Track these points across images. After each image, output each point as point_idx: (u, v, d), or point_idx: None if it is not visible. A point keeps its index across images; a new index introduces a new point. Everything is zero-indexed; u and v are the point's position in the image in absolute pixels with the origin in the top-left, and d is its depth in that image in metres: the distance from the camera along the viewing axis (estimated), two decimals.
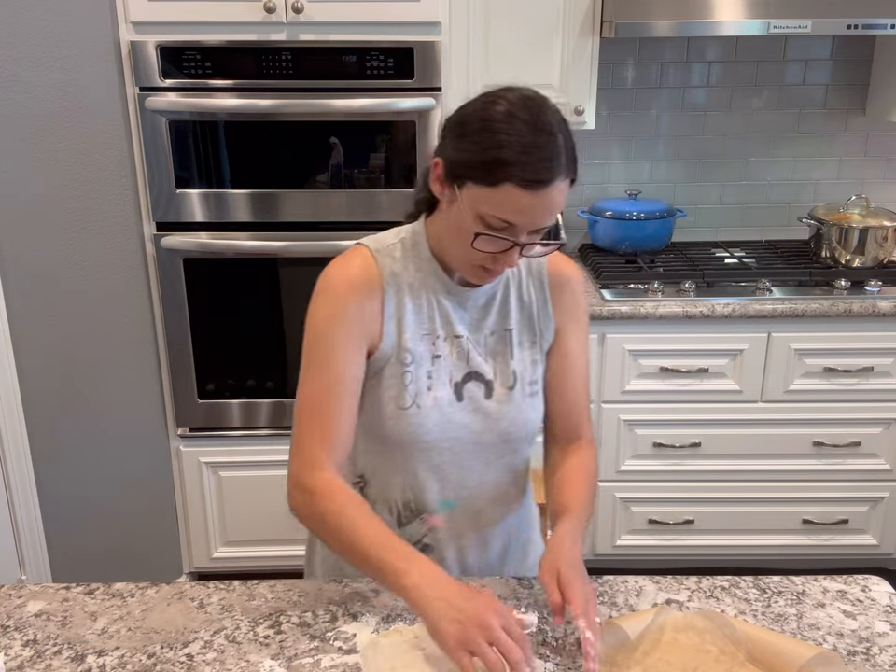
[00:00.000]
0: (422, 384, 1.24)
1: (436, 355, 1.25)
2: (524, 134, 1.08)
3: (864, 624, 1.17)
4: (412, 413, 1.24)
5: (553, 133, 1.10)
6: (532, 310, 1.30)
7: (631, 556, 2.74)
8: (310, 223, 2.41)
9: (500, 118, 1.10)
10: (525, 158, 1.07)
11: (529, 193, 1.08)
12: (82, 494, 2.53)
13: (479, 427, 1.27)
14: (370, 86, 2.30)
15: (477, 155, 1.10)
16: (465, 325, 1.27)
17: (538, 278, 1.31)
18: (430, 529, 1.33)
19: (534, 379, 1.30)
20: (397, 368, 1.24)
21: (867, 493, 2.65)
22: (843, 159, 2.96)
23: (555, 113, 1.13)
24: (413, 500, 1.31)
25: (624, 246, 2.82)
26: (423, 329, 1.25)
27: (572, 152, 1.13)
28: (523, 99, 1.12)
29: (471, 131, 1.12)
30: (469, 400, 1.26)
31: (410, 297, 1.25)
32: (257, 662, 1.11)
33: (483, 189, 1.10)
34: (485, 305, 1.28)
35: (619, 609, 1.21)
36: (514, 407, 1.28)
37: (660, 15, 2.38)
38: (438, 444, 1.26)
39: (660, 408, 2.55)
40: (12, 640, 1.15)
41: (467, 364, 1.27)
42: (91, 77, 2.22)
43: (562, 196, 1.12)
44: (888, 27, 2.35)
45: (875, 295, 2.49)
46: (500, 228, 1.12)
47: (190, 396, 2.54)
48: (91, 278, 2.37)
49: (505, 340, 1.29)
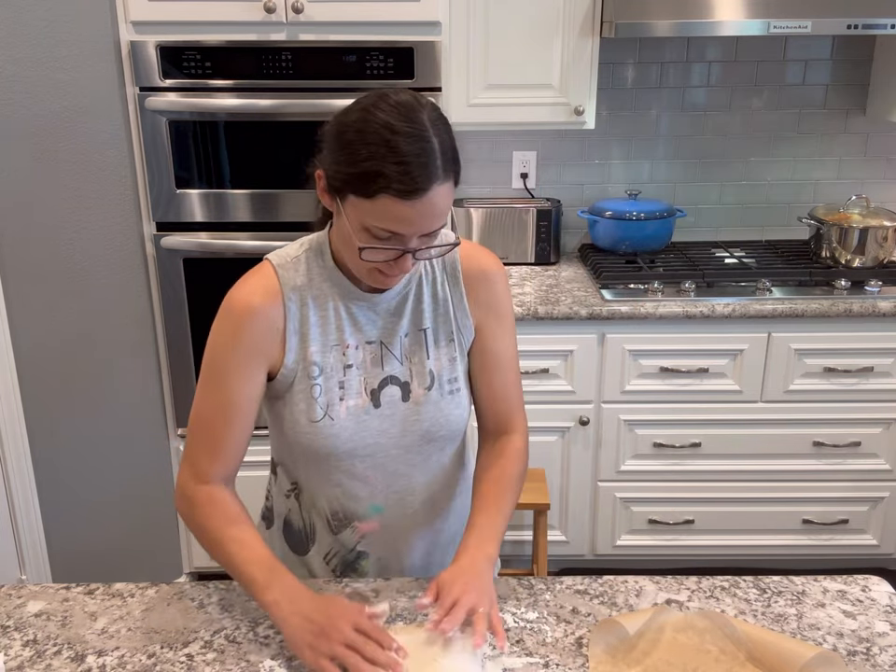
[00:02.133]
0: (333, 395, 1.23)
1: (347, 364, 1.24)
2: (396, 144, 1.05)
3: (864, 624, 1.17)
4: (325, 426, 1.23)
5: (426, 139, 1.06)
6: (448, 307, 1.28)
7: (631, 556, 2.74)
8: (310, 223, 2.40)
9: (372, 128, 1.06)
10: (399, 168, 1.05)
11: (407, 203, 1.06)
12: (82, 494, 2.54)
13: (398, 431, 1.26)
14: (370, 86, 2.30)
15: (352, 167, 1.07)
16: (377, 330, 1.26)
17: (452, 274, 1.28)
18: (363, 536, 1.33)
19: (453, 377, 1.28)
20: (305, 382, 1.23)
21: (867, 493, 2.65)
22: (843, 159, 2.96)
23: (431, 113, 1.10)
24: (340, 510, 1.32)
25: (624, 246, 2.82)
26: (331, 339, 1.24)
27: (452, 152, 1.10)
28: (395, 105, 1.08)
29: (345, 142, 1.09)
30: (387, 405, 1.25)
31: (315, 309, 1.23)
32: (257, 662, 1.11)
33: (363, 200, 1.08)
34: (397, 308, 1.26)
35: (619, 609, 1.21)
36: (433, 406, 1.27)
37: (660, 15, 2.38)
38: (356, 453, 1.26)
39: (660, 408, 2.55)
40: (12, 640, 1.15)
41: (382, 369, 1.25)
42: (91, 77, 2.22)
43: (444, 199, 1.10)
44: (888, 27, 2.35)
45: (875, 295, 2.49)
46: (386, 238, 1.11)
47: (190, 396, 2.52)
48: (91, 278, 2.37)
49: (420, 340, 1.27)
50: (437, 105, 1.14)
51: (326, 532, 1.34)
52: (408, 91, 1.12)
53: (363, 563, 1.36)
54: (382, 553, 1.35)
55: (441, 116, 1.12)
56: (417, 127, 1.06)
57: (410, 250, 1.12)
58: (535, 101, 2.55)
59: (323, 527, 1.34)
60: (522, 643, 1.14)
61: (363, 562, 1.36)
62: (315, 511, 1.34)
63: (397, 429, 1.26)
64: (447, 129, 1.11)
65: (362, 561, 1.36)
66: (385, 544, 1.34)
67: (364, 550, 1.34)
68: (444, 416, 1.28)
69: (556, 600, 1.23)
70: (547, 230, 2.76)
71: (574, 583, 1.27)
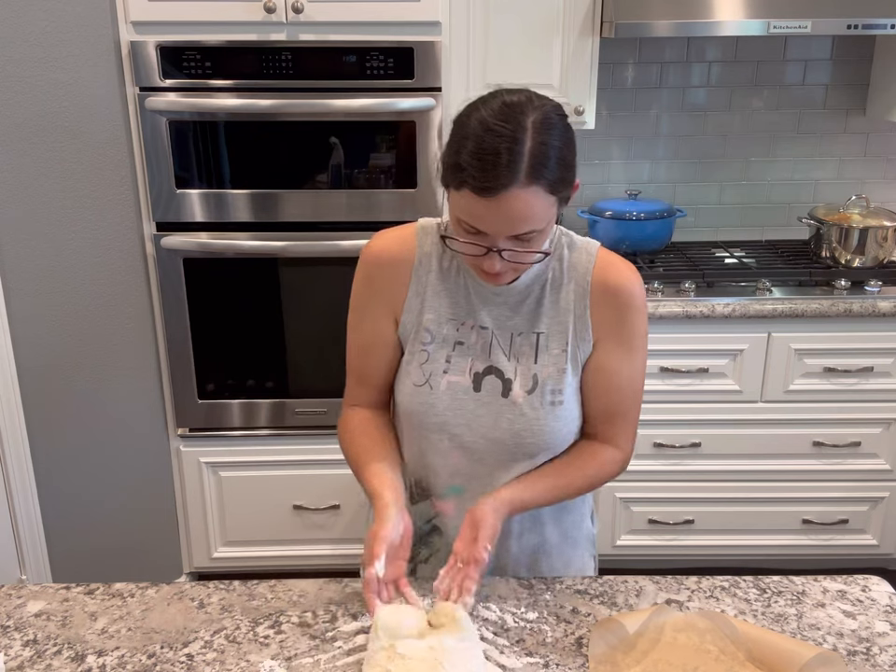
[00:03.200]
0: (438, 365, 1.26)
1: (458, 341, 1.26)
2: (481, 140, 1.06)
3: (864, 624, 1.17)
4: (424, 392, 1.26)
5: (516, 140, 1.05)
6: (568, 317, 1.25)
7: (631, 556, 2.74)
8: (310, 223, 2.41)
9: (471, 122, 1.08)
10: (477, 164, 1.06)
11: (483, 200, 1.07)
12: (82, 494, 2.54)
13: (490, 422, 1.26)
14: (370, 86, 2.30)
15: (449, 158, 1.11)
16: (492, 319, 1.26)
17: (581, 285, 1.25)
18: (437, 513, 1.34)
19: (558, 388, 1.25)
20: (415, 345, 1.27)
21: (867, 493, 2.65)
22: (843, 159, 2.96)
23: (539, 118, 1.08)
24: (423, 480, 1.34)
25: (624, 246, 2.81)
26: (448, 312, 1.26)
27: (548, 159, 1.07)
28: (501, 104, 1.08)
29: (451, 134, 1.12)
30: (486, 393, 1.26)
31: (440, 279, 1.26)
32: (257, 662, 1.11)
33: (452, 192, 1.11)
34: (515, 304, 1.26)
35: (619, 610, 1.21)
36: (531, 411, 1.25)
37: (660, 15, 2.38)
38: (446, 428, 1.27)
39: (660, 408, 2.55)
40: (12, 640, 1.15)
41: (489, 357, 1.26)
42: (91, 77, 2.22)
43: (526, 204, 1.08)
44: (888, 27, 2.35)
45: (875, 295, 2.49)
46: (473, 233, 1.12)
47: (190, 396, 2.54)
48: (91, 278, 2.37)
49: (532, 342, 1.26)
50: (558, 110, 1.12)
51: (408, 498, 1.35)
52: (529, 91, 1.12)
53: (435, 539, 1.36)
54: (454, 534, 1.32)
55: (552, 123, 1.09)
56: (510, 127, 1.06)
57: (493, 249, 1.12)
58: None
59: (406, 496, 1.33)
60: (522, 643, 1.14)
61: (436, 538, 1.36)
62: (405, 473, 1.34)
63: (489, 420, 1.26)
64: (556, 136, 1.09)
65: (435, 536, 1.36)
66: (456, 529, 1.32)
67: (438, 526, 1.35)
68: (539, 425, 1.25)
69: (556, 600, 1.23)
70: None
71: (574, 583, 1.27)
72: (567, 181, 1.12)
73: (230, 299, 2.47)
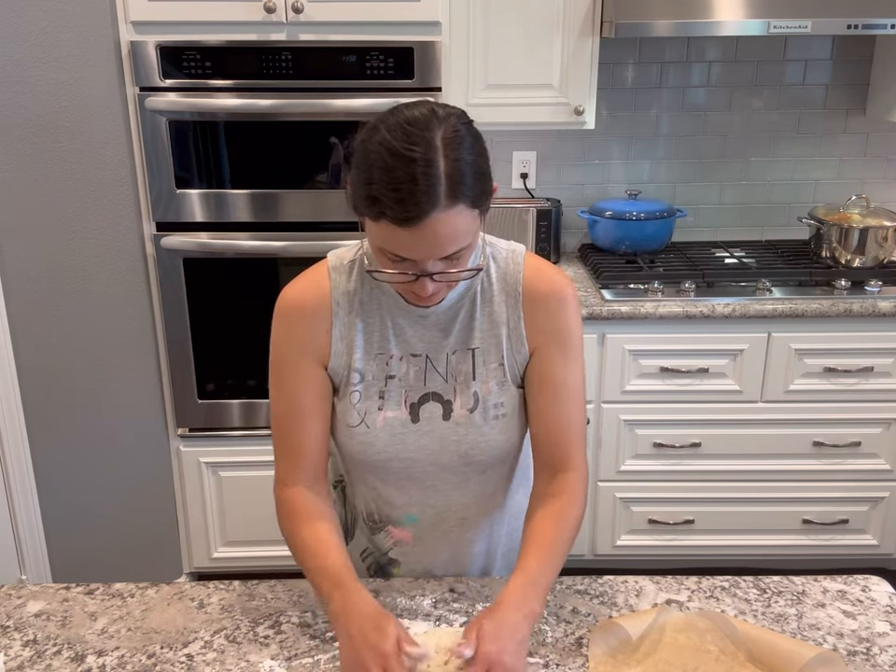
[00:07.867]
0: (372, 403, 1.22)
1: (389, 375, 1.22)
2: (392, 169, 0.99)
3: (864, 624, 1.17)
4: (360, 432, 1.22)
5: (428, 163, 0.99)
6: (501, 330, 1.22)
7: (631, 556, 2.74)
8: (310, 223, 2.41)
9: (374, 148, 1.02)
10: (392, 194, 0.99)
11: (405, 230, 1.01)
12: (82, 494, 2.54)
13: (436, 449, 1.23)
14: (370, 86, 2.30)
15: (359, 189, 1.04)
16: (424, 343, 1.22)
17: (512, 295, 1.21)
18: (396, 543, 1.33)
19: (500, 401, 1.22)
20: (347, 388, 1.22)
21: (867, 493, 2.65)
22: (843, 159, 2.96)
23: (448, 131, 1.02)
24: (375, 512, 1.32)
25: (624, 246, 2.82)
26: (375, 348, 1.22)
27: (463, 176, 1.01)
28: (402, 123, 1.02)
29: (356, 162, 1.05)
30: (426, 422, 1.22)
31: (361, 316, 1.21)
32: (257, 662, 1.11)
33: (371, 223, 1.05)
34: (447, 323, 1.22)
35: (619, 609, 1.21)
36: (475, 430, 1.22)
37: (660, 15, 2.38)
38: (391, 464, 1.24)
39: (660, 408, 2.55)
40: (12, 640, 1.15)
41: (424, 384, 1.22)
42: (91, 77, 2.22)
43: (449, 225, 1.02)
44: (888, 27, 2.35)
45: (874, 295, 2.49)
46: (398, 260, 1.06)
47: (190, 396, 2.54)
48: (91, 278, 2.37)
49: (468, 359, 1.21)
50: (463, 119, 1.06)
51: (363, 530, 1.34)
52: (428, 103, 1.06)
53: (395, 570, 1.35)
54: (414, 564, 1.33)
55: (461, 133, 1.03)
56: (420, 150, 0.99)
57: (423, 274, 1.07)
58: (535, 101, 2.55)
59: (361, 525, 1.34)
60: None
61: (395, 569, 1.35)
62: (355, 508, 1.34)
63: (434, 447, 1.23)
64: (467, 149, 1.03)
65: (394, 568, 1.35)
66: (417, 556, 1.33)
67: (396, 558, 1.34)
68: (486, 441, 1.22)
69: (556, 600, 1.23)
70: (547, 230, 2.75)
71: (574, 583, 1.27)
72: (487, 192, 1.07)
73: (230, 299, 2.47)
